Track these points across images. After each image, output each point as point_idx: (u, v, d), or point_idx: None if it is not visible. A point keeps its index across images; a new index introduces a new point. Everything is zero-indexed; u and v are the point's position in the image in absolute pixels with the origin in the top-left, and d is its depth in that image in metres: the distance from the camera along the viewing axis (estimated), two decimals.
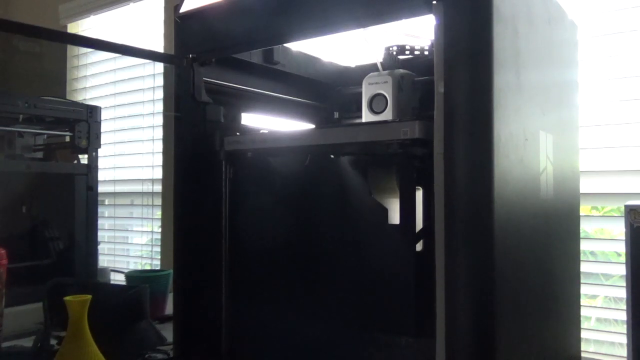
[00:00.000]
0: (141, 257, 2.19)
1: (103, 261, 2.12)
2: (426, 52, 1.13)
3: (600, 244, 1.30)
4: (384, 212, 0.89)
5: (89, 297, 0.92)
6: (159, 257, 2.07)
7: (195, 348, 1.05)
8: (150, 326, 1.22)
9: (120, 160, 2.24)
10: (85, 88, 2.41)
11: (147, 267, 2.12)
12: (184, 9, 1.06)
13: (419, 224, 0.85)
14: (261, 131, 1.13)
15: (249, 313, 1.02)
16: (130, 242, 2.29)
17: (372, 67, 1.10)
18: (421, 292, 0.80)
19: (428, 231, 0.80)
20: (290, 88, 1.30)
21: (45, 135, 1.68)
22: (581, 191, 1.14)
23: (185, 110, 1.05)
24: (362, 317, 0.89)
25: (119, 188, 2.23)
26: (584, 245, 1.22)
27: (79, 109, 1.63)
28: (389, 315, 0.86)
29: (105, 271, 1.77)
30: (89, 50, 2.38)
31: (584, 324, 1.21)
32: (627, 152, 1.24)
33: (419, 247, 0.85)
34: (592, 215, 1.31)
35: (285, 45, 1.21)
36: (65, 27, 2.45)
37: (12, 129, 1.56)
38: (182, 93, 1.05)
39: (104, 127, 1.71)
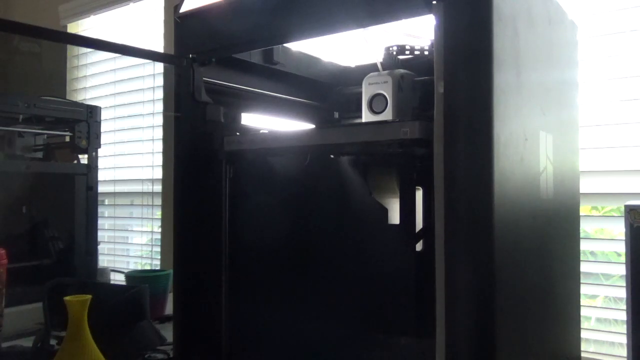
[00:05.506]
0: (141, 257, 2.19)
1: (103, 261, 2.12)
2: (426, 52, 1.13)
3: (600, 244, 1.30)
4: (384, 212, 0.89)
5: (89, 297, 0.92)
6: (159, 257, 2.07)
7: (195, 348, 1.05)
8: (150, 326, 1.22)
9: (120, 160, 2.24)
10: (85, 88, 2.40)
11: (147, 267, 2.12)
12: (184, 9, 1.06)
13: (419, 224, 0.85)
14: (261, 131, 1.13)
15: (249, 313, 1.02)
16: (130, 242, 2.29)
17: (372, 67, 1.10)
18: (421, 292, 0.80)
19: (428, 231, 0.80)
20: (290, 88, 1.29)
21: (45, 135, 1.68)
22: (581, 191, 1.14)
23: (185, 110, 1.05)
24: (362, 317, 0.89)
25: (119, 188, 2.23)
26: (584, 245, 1.22)
27: (79, 109, 1.63)
28: (389, 315, 0.86)
29: (105, 271, 1.77)
30: (89, 50, 2.38)
31: (584, 324, 1.21)
32: (627, 152, 1.24)
33: (419, 247, 0.85)
34: (592, 215, 1.31)
35: (285, 45, 1.21)
36: (65, 27, 2.45)
37: (12, 129, 1.56)
38: (182, 93, 1.05)
39: (104, 127, 1.71)
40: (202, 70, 1.06)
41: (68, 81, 2.43)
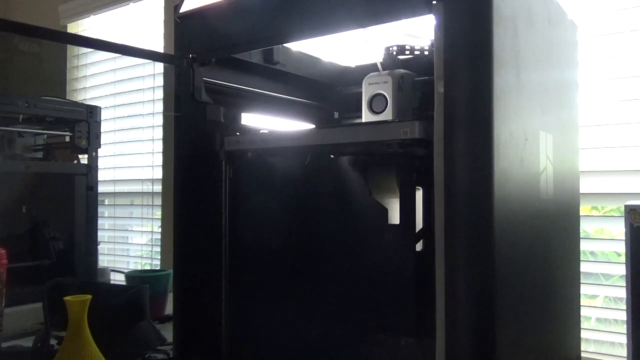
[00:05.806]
0: (141, 257, 2.20)
1: (103, 261, 2.12)
2: (426, 52, 1.13)
3: (600, 244, 1.30)
4: (384, 212, 0.89)
5: (89, 297, 0.92)
6: (159, 257, 2.07)
7: (195, 348, 1.05)
8: (150, 326, 1.22)
9: (120, 160, 2.24)
10: (85, 88, 2.41)
11: (147, 267, 2.12)
12: (184, 9, 1.06)
13: (419, 224, 0.85)
14: (261, 131, 1.13)
15: (249, 313, 1.02)
16: (130, 242, 2.29)
17: (372, 67, 1.10)
18: (421, 292, 0.80)
19: (428, 231, 0.80)
20: (290, 88, 1.29)
21: (45, 135, 1.68)
22: (581, 191, 1.14)
23: (185, 110, 1.05)
24: (362, 317, 0.89)
25: (119, 188, 2.23)
26: (584, 245, 1.22)
27: (79, 109, 1.63)
28: (389, 315, 0.86)
29: (105, 271, 1.77)
30: (89, 50, 2.38)
31: (584, 324, 1.21)
32: (627, 152, 1.24)
33: (419, 247, 0.85)
34: (592, 215, 1.31)
35: (285, 45, 1.21)
36: (65, 27, 2.45)
37: (12, 129, 1.57)
38: (182, 93, 1.05)
39: (104, 127, 1.72)
40: (202, 70, 1.06)
41: (68, 81, 2.43)
